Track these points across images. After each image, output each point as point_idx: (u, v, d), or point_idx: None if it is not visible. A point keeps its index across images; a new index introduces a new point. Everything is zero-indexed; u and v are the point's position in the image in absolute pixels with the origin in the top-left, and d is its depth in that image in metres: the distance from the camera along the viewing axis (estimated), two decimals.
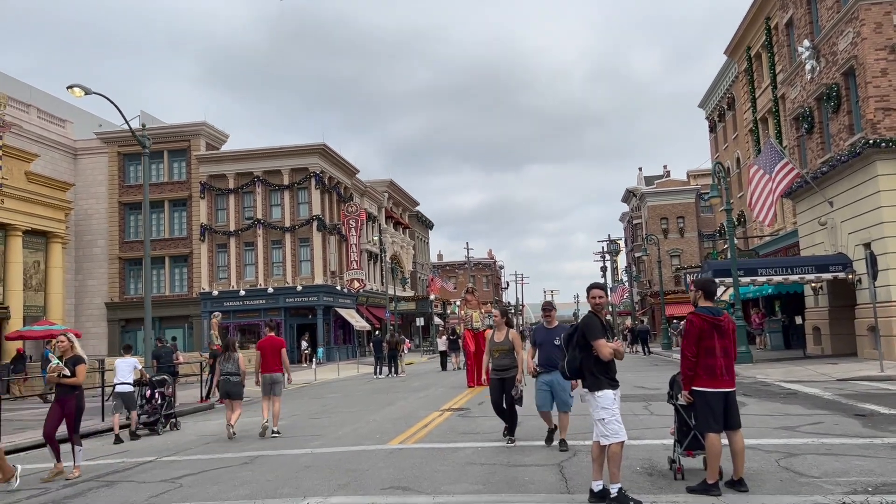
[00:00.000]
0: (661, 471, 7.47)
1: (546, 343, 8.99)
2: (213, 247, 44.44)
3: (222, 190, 44.37)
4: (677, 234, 60.49)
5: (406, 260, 64.49)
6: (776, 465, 7.54)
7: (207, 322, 43.27)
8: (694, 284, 6.73)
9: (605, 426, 6.14)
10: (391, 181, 60.51)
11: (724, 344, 6.46)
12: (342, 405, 16.67)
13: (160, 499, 7.37)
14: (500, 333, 9.62)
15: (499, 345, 9.51)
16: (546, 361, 8.95)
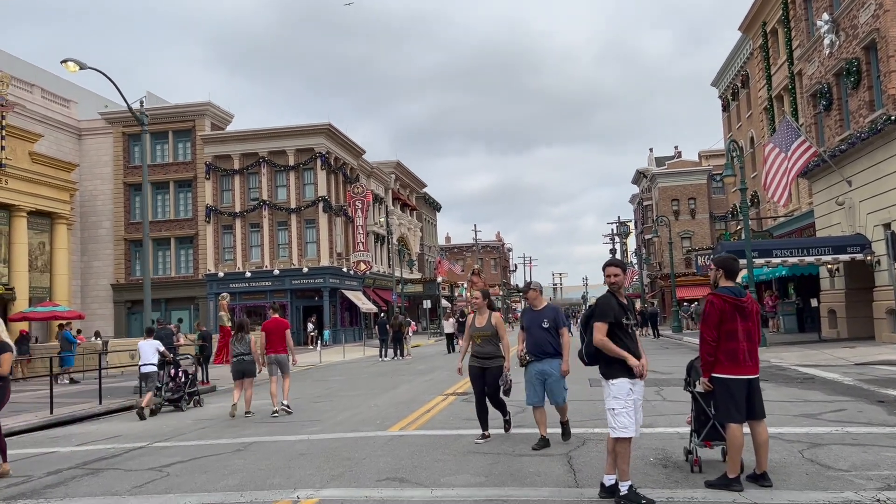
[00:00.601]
0: (677, 462, 7.00)
1: (533, 327, 7.98)
2: (219, 228, 44.13)
3: (227, 171, 43.97)
4: (688, 215, 59.76)
5: (413, 242, 64.03)
6: (800, 456, 7.05)
7: (215, 303, 43.24)
8: (714, 262, 6.20)
9: (615, 418, 5.65)
10: (398, 162, 59.94)
11: (747, 327, 5.94)
12: (345, 388, 16.31)
13: (144, 489, 6.96)
14: (481, 317, 8.62)
15: (480, 330, 8.53)
16: (534, 348, 7.92)
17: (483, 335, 8.52)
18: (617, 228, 76.68)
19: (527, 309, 8.21)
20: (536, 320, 7.93)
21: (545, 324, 7.81)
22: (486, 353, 8.49)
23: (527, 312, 8.16)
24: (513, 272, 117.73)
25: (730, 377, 5.89)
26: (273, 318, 12.51)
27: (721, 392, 5.93)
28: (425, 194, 72.66)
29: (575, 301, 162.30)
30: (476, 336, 8.57)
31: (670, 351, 24.56)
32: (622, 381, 5.69)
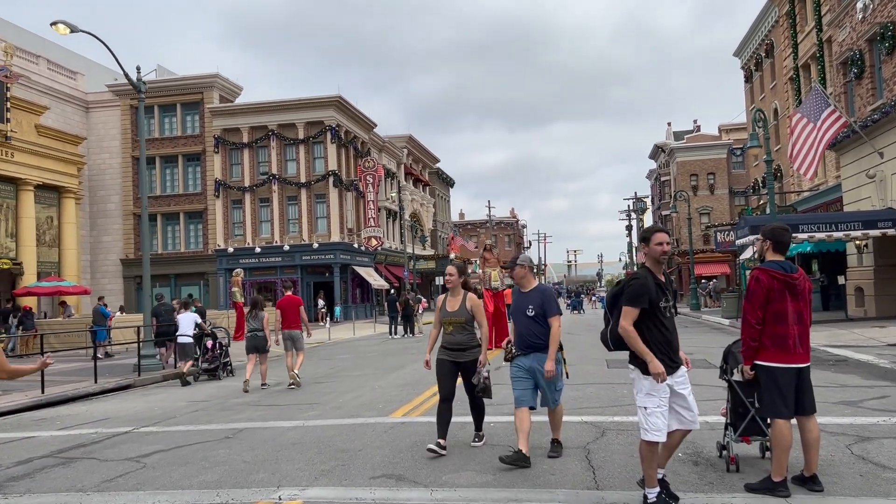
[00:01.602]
0: (709, 459, 6.21)
1: (517, 314, 6.35)
2: (228, 203, 43.58)
3: (236, 144, 43.29)
4: (707, 191, 58.53)
5: (426, 218, 63.25)
6: (849, 453, 6.25)
7: (225, 279, 42.86)
8: (762, 233, 5.34)
9: (647, 417, 4.81)
10: (410, 136, 58.97)
11: (797, 307, 5.12)
12: (350, 368, 15.69)
13: (113, 483, 6.28)
14: (453, 299, 6.89)
15: (452, 315, 6.81)
16: (519, 341, 6.33)
17: (455, 322, 6.79)
18: (633, 204, 75.49)
19: (515, 291, 6.63)
20: (522, 306, 6.32)
21: (530, 311, 6.21)
22: (458, 343, 6.77)
23: (514, 295, 6.62)
24: (527, 249, 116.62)
25: (777, 366, 5.08)
26: (287, 296, 13.15)
27: (766, 383, 5.12)
28: (438, 169, 71.68)
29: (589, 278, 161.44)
30: (447, 322, 6.84)
31: (689, 330, 23.93)
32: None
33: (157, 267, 43.41)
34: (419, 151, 62.97)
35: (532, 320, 6.22)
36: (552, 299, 6.29)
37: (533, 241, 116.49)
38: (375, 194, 45.23)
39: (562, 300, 56.38)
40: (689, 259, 42.19)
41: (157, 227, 44.27)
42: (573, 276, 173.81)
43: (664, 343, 4.85)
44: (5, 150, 33.45)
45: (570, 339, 21.18)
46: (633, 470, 5.88)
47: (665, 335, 4.86)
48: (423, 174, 64.88)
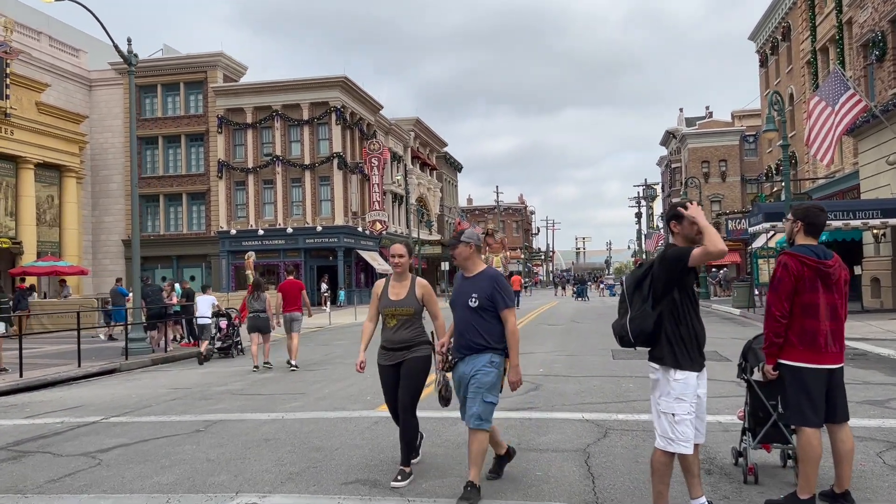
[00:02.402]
0: (723, 467, 5.52)
1: (458, 305, 4.95)
2: (231, 184, 43.06)
3: (240, 125, 42.69)
4: (719, 178, 57.62)
5: (432, 203, 62.59)
6: (880, 461, 5.56)
7: (227, 261, 42.41)
8: (792, 212, 4.62)
9: (675, 426, 4.04)
10: (417, 119, 58.19)
11: (831, 300, 4.41)
12: (345, 355, 15.10)
13: (58, 484, 5.66)
14: (398, 286, 5.44)
15: (396, 305, 5.36)
16: (456, 340, 4.96)
17: (400, 313, 5.35)
18: (643, 191, 74.56)
19: (457, 277, 5.19)
20: (463, 294, 4.90)
21: (473, 301, 4.79)
22: (403, 342, 5.32)
23: (455, 282, 5.21)
24: (535, 235, 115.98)
25: (805, 366, 4.38)
26: (288, 280, 13.48)
27: (793, 385, 4.42)
28: (446, 154, 70.87)
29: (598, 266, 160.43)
30: (389, 315, 5.37)
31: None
32: (689, 375, 4.08)
33: (159, 248, 43.09)
34: (427, 135, 62.18)
35: (475, 313, 4.78)
36: (504, 287, 4.88)
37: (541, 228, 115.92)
38: (381, 177, 44.58)
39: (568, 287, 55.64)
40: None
41: (159, 208, 43.84)
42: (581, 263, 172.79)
43: (695, 336, 4.13)
44: (5, 128, 32.90)
45: (575, 328, 20.56)
46: (639, 478, 5.22)
47: (697, 326, 4.16)
48: (431, 158, 64.13)
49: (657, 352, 4.12)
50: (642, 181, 74.55)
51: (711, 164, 58.04)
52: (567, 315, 27.48)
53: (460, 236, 4.98)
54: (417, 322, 5.45)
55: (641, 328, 4.09)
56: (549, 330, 20.13)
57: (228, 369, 13.43)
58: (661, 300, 4.09)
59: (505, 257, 18.24)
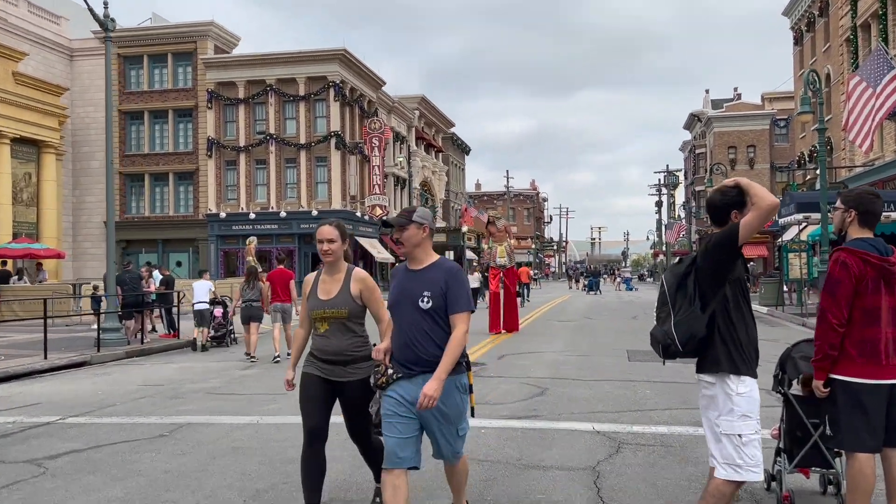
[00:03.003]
0: (754, 493, 5.10)
1: (401, 305, 4.05)
2: (222, 163, 42.69)
3: (231, 100, 42.29)
4: (746, 165, 56.99)
5: (437, 187, 62.21)
6: None
7: (216, 246, 42.15)
8: (843, 199, 4.15)
9: (741, 449, 3.62)
10: (423, 98, 57.68)
11: (893, 303, 3.96)
12: None
13: None
14: (330, 280, 4.60)
15: (327, 306, 4.51)
16: (400, 352, 4.03)
17: (333, 316, 4.52)
18: (665, 179, 73.98)
19: (397, 270, 4.30)
20: (410, 292, 4.03)
21: (425, 301, 3.95)
22: (338, 353, 4.51)
23: (397, 276, 4.23)
24: (547, 224, 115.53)
25: (863, 382, 3.93)
26: (278, 269, 13.86)
27: (847, 404, 3.98)
28: (453, 135, 70.43)
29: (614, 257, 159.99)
30: (319, 318, 4.56)
31: None
32: (755, 385, 3.73)
33: (144, 231, 42.84)
34: (432, 114, 61.70)
35: (428, 317, 3.94)
36: (463, 284, 4.03)
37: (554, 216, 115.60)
38: (382, 159, 44.17)
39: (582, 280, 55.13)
40: None
41: (143, 188, 43.55)
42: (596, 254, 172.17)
43: (753, 338, 3.77)
44: None
45: (587, 325, 20.18)
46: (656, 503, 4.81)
47: (752, 326, 3.78)
48: (437, 139, 63.67)
49: (711, 360, 3.69)
50: (664, 167, 74.02)
51: (739, 149, 57.47)
52: (580, 311, 27.13)
53: (411, 215, 4.06)
54: (356, 328, 4.55)
55: (691, 332, 3.66)
56: (559, 327, 19.81)
57: (209, 364, 13.12)
58: (712, 298, 3.70)
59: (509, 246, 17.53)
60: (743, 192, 3.76)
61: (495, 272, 18.67)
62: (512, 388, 9.57)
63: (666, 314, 3.82)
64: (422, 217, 4.07)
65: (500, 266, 18.36)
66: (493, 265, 18.61)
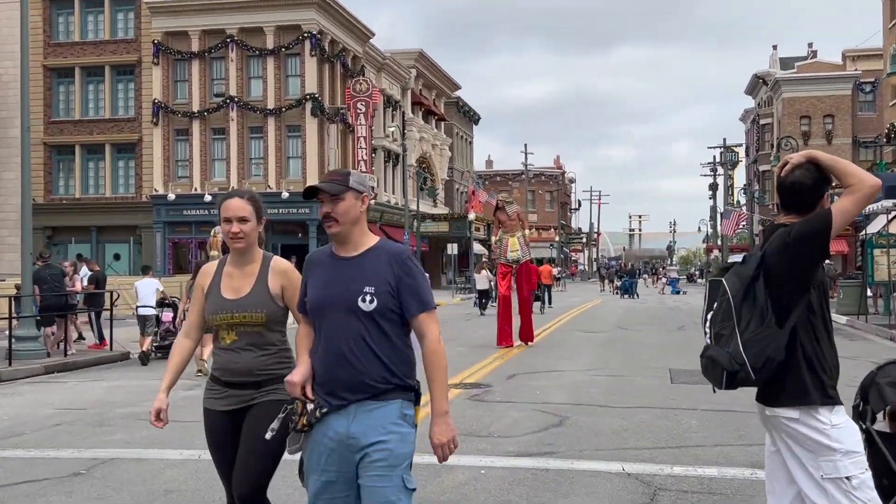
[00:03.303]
0: None
1: (326, 307, 3.57)
2: (170, 133, 42.94)
3: (183, 54, 42.46)
4: (822, 138, 56.76)
5: (439, 164, 62.25)
6: None
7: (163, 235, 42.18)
8: None
9: (853, 493, 3.46)
10: (421, 53, 57.82)
11: None
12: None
13: None
14: (238, 274, 4.13)
15: (233, 308, 4.05)
16: (326, 373, 3.54)
17: (243, 322, 4.05)
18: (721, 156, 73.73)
19: (316, 258, 3.76)
20: (343, 288, 3.53)
21: (366, 300, 3.47)
22: (248, 371, 4.05)
23: (315, 267, 3.70)
24: (575, 211, 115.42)
25: None
26: None
27: None
28: (458, 100, 70.38)
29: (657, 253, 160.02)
30: (224, 325, 4.07)
31: None
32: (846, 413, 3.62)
33: (74, 217, 42.91)
34: (433, 74, 61.77)
35: (370, 323, 3.47)
36: (419, 272, 3.61)
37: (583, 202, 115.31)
38: (369, 128, 44.25)
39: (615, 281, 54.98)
40: None
41: (74, 163, 43.67)
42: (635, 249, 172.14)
43: (836, 359, 3.63)
44: None
45: (621, 337, 20.09)
46: None
47: (833, 344, 3.64)
48: (438, 105, 63.69)
49: (794, 390, 3.50)
50: (719, 142, 73.76)
51: (813, 119, 57.44)
52: (612, 319, 27.05)
53: (347, 179, 3.57)
54: (275, 338, 4.11)
55: (767, 355, 3.43)
56: (584, 339, 19.78)
57: (147, 381, 13.02)
58: (792, 309, 3.50)
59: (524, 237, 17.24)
60: (823, 171, 3.58)
61: (505, 270, 18.53)
62: (523, 416, 9.48)
63: (729, 331, 3.61)
64: (360, 183, 3.65)
65: (512, 262, 18.19)
66: (504, 261, 18.44)
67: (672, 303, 39.63)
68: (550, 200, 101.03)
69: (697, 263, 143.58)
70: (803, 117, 57.63)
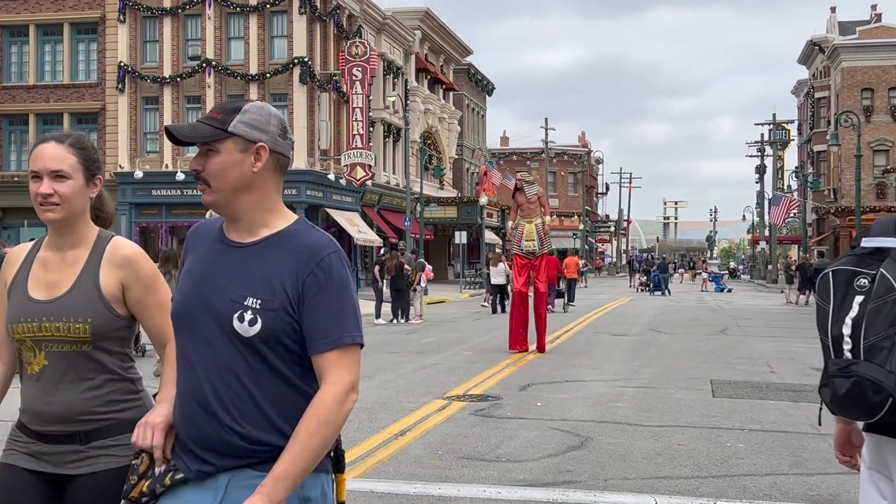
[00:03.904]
0: None
1: (195, 318, 2.60)
2: (138, 101, 43.05)
3: (153, 10, 42.47)
4: (887, 114, 56.80)
5: (446, 140, 62.25)
6: None
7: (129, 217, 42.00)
8: None
9: None
10: (427, 12, 58.07)
11: None
12: None
13: None
14: (60, 262, 3.09)
15: (42, 315, 2.99)
16: (188, 423, 2.59)
17: (58, 338, 3.00)
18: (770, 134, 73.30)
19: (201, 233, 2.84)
20: (215, 292, 2.60)
21: (245, 319, 2.51)
22: (67, 415, 3.01)
23: (195, 248, 2.79)
24: (602, 195, 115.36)
25: None
26: None
27: None
28: (469, 67, 70.37)
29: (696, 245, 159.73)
30: (28, 342, 3.04)
31: None
32: None
33: (28, 196, 42.20)
34: (441, 37, 61.97)
35: (248, 352, 2.54)
36: (340, 284, 2.60)
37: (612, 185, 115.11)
38: (366, 98, 44.31)
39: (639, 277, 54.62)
40: (856, 221, 40.26)
41: (28, 134, 43.57)
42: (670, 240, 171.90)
43: None
44: None
45: (654, 341, 19.88)
46: None
47: None
48: (446, 73, 63.74)
49: None
50: (768, 118, 73.29)
51: (877, 92, 57.41)
52: (643, 320, 26.94)
53: (228, 118, 2.58)
54: (112, 362, 3.12)
55: None
56: (612, 343, 19.58)
57: None
58: None
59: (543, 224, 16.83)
60: None
61: (522, 262, 18.13)
62: (537, 436, 9.20)
63: (890, 342, 3.19)
64: (253, 125, 2.61)
65: (528, 254, 17.80)
66: (518, 252, 18.05)
67: (713, 302, 39.44)
68: (574, 183, 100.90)
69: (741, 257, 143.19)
70: (865, 90, 57.41)
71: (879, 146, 56.13)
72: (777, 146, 72.86)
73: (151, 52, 42.85)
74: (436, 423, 9.88)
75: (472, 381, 13.15)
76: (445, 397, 11.63)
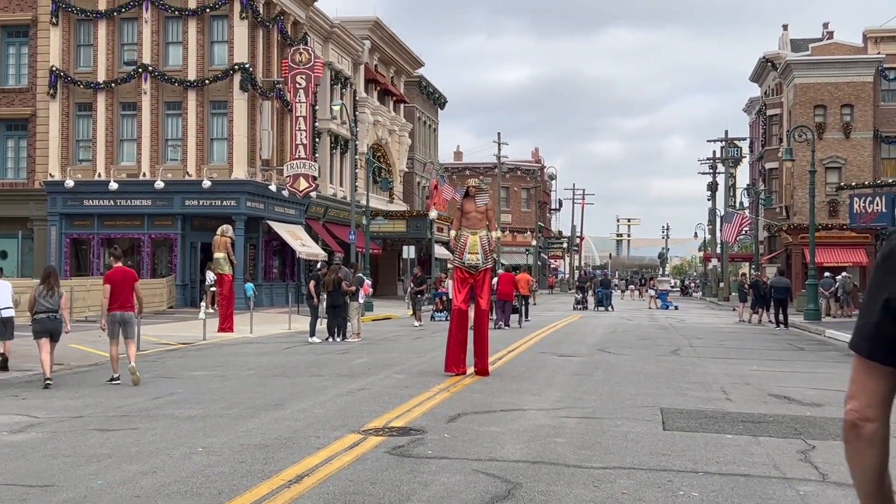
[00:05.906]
0: None
1: None
2: (71, 108, 42.51)
3: (87, 13, 41.89)
4: (839, 132, 56.59)
5: (396, 153, 62.10)
6: None
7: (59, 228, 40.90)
8: None
9: None
10: (377, 21, 58.15)
11: None
12: (189, 400, 13.42)
13: None
14: None
15: None
16: None
17: None
18: (722, 151, 73.27)
19: None
20: None
21: None
22: None
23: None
24: (555, 212, 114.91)
25: None
26: (117, 268, 15.54)
27: None
28: (421, 79, 70.24)
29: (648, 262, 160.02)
30: None
31: (807, 354, 22.33)
32: None
33: None
34: (392, 47, 62.05)
35: None
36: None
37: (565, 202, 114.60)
38: (311, 106, 43.99)
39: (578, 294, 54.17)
40: (809, 239, 39.72)
41: None
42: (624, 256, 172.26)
43: None
44: None
45: (602, 362, 18.95)
46: None
47: None
48: (397, 84, 63.76)
49: None
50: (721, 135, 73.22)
51: (829, 109, 57.35)
52: (592, 339, 26.07)
53: None
54: None
55: None
56: (557, 365, 18.60)
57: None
58: None
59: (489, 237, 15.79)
60: None
61: (464, 277, 16.85)
62: (458, 482, 7.92)
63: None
64: None
65: (471, 268, 16.54)
66: (460, 265, 16.76)
67: (665, 320, 38.75)
68: (527, 199, 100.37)
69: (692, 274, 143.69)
70: (818, 107, 57.38)
71: (832, 163, 56.08)
72: (729, 163, 73.06)
73: (85, 56, 42.47)
74: (342, 466, 8.55)
75: (397, 409, 11.93)
76: (361, 431, 10.35)
